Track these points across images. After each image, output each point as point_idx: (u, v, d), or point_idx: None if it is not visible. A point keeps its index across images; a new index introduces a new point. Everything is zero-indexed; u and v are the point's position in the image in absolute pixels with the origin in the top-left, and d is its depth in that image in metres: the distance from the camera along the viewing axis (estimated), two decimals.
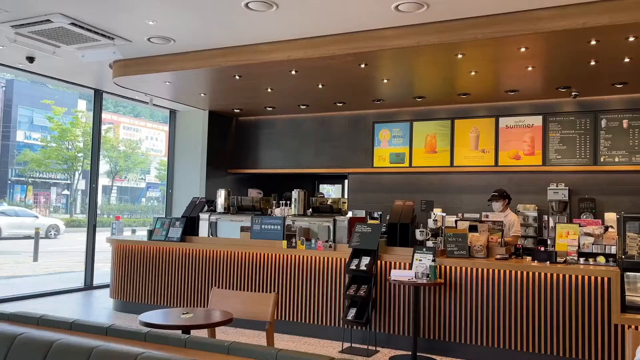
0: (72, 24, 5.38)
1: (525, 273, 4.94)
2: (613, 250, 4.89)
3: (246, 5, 4.88)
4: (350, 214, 6.72)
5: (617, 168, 7.30)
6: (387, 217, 5.99)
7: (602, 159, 7.40)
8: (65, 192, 24.99)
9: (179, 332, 2.94)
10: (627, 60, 5.66)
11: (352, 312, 5.34)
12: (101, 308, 7.27)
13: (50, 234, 17.55)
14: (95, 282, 8.58)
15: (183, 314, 3.47)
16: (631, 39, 4.95)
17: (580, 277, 4.73)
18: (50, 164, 22.77)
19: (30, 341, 2.10)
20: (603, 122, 7.43)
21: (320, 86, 7.25)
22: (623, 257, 4.71)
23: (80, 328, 2.30)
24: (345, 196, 9.94)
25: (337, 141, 9.21)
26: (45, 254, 13.84)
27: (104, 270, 9.23)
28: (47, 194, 24.52)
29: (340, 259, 5.68)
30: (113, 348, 1.96)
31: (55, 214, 23.96)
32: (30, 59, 6.71)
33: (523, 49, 5.40)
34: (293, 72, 6.48)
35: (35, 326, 2.37)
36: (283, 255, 6.00)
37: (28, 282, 10.02)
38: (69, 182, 24.51)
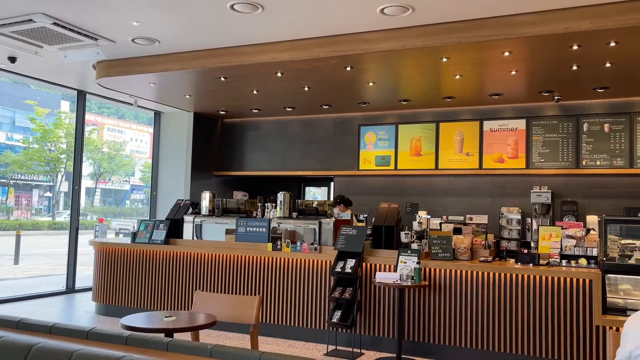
0: (55, 23, 5.32)
1: (508, 275, 4.98)
2: (594, 252, 4.96)
3: (231, 7, 4.87)
4: (335, 216, 6.71)
5: (599, 171, 7.40)
6: (373, 220, 6.00)
7: (584, 163, 7.50)
8: (48, 194, 24.66)
9: (162, 335, 2.92)
10: (608, 65, 5.75)
11: (337, 314, 5.33)
12: (83, 312, 7.18)
13: None
14: (78, 285, 8.47)
15: (166, 317, 3.44)
16: (612, 44, 5.03)
17: (562, 279, 4.79)
18: (32, 165, 22.46)
19: (8, 345, 2.06)
20: (585, 126, 7.54)
21: (306, 88, 7.26)
22: (604, 259, 4.77)
23: (60, 332, 2.26)
24: (331, 199, 9.94)
25: (322, 143, 9.22)
26: (27, 256, 13.64)
27: (86, 274, 9.12)
28: (29, 196, 24.17)
29: (326, 262, 5.68)
30: (93, 352, 1.93)
31: (37, 216, 23.64)
32: (12, 59, 6.62)
33: (506, 53, 5.46)
34: (279, 74, 6.47)
35: (14, 330, 2.33)
36: (268, 257, 5.98)
37: (8, 285, 9.86)
38: (51, 184, 24.19)
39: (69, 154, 21.71)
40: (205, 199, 6.95)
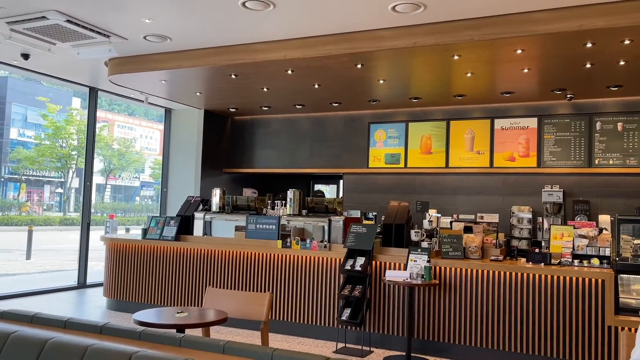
0: (68, 21, 5.35)
1: (519, 274, 4.95)
2: (607, 252, 4.92)
3: (243, 4, 4.87)
4: (345, 214, 6.71)
5: (612, 170, 7.33)
6: (382, 218, 5.99)
7: (596, 162, 7.43)
8: (59, 190, 24.85)
9: (174, 331, 2.93)
10: (622, 63, 5.69)
11: (347, 312, 5.33)
12: (94, 307, 7.23)
13: None
14: (89, 280, 8.55)
15: (177, 313, 3.46)
16: (626, 42, 4.98)
17: (574, 279, 4.75)
18: (43, 161, 22.64)
19: (23, 339, 2.08)
20: (598, 125, 7.47)
21: (316, 86, 7.25)
22: (617, 259, 4.72)
23: (74, 326, 2.28)
24: (341, 196, 9.94)
25: (332, 141, 9.21)
26: (38, 252, 13.77)
27: (97, 269, 9.19)
28: (40, 192, 24.38)
29: (335, 259, 5.68)
30: (107, 347, 1.94)
31: (49, 212, 23.84)
32: (25, 56, 6.66)
33: (519, 51, 5.41)
34: (289, 72, 6.47)
35: (28, 324, 2.35)
36: (278, 255, 5.99)
37: (21, 280, 9.96)
38: (62, 180, 24.38)
39: (80, 151, 21.87)
40: (216, 195, 6.97)
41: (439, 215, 6.39)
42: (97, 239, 7.68)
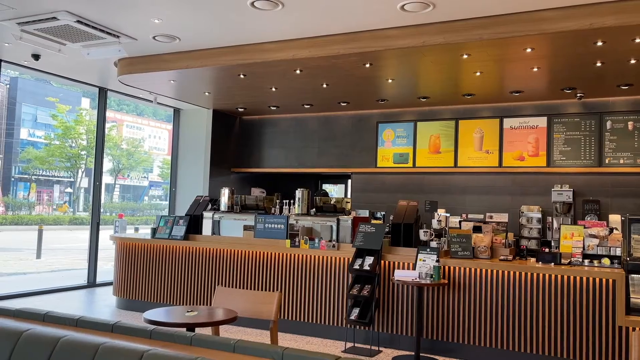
0: (78, 21, 5.39)
1: (529, 274, 4.92)
2: (618, 252, 4.88)
3: (252, 4, 4.88)
4: (353, 214, 6.71)
5: (622, 170, 7.28)
6: (391, 217, 5.98)
7: (606, 161, 7.38)
8: (69, 189, 25.03)
9: (184, 329, 2.95)
10: (633, 61, 5.65)
11: (355, 312, 5.33)
12: (104, 305, 7.28)
13: None
14: (98, 279, 8.60)
15: (187, 312, 3.47)
16: (637, 40, 4.94)
17: (584, 278, 4.72)
18: (53, 161, 22.81)
19: (36, 337, 2.10)
20: (608, 124, 7.41)
21: (324, 86, 7.25)
22: (628, 259, 4.69)
23: (86, 325, 2.30)
24: (349, 196, 9.93)
25: (340, 141, 9.21)
26: (48, 251, 13.87)
27: (106, 268, 9.25)
28: (50, 191, 24.56)
29: (344, 259, 5.68)
30: (119, 345, 1.96)
31: (58, 211, 24.01)
32: (36, 57, 6.72)
33: (528, 50, 5.39)
34: (297, 72, 6.48)
35: (41, 322, 2.37)
36: (286, 254, 6.00)
37: (31, 279, 10.04)
38: (72, 180, 24.55)
39: (89, 150, 22.01)
40: (225, 195, 6.99)
41: (448, 214, 6.37)
42: (106, 238, 7.73)
